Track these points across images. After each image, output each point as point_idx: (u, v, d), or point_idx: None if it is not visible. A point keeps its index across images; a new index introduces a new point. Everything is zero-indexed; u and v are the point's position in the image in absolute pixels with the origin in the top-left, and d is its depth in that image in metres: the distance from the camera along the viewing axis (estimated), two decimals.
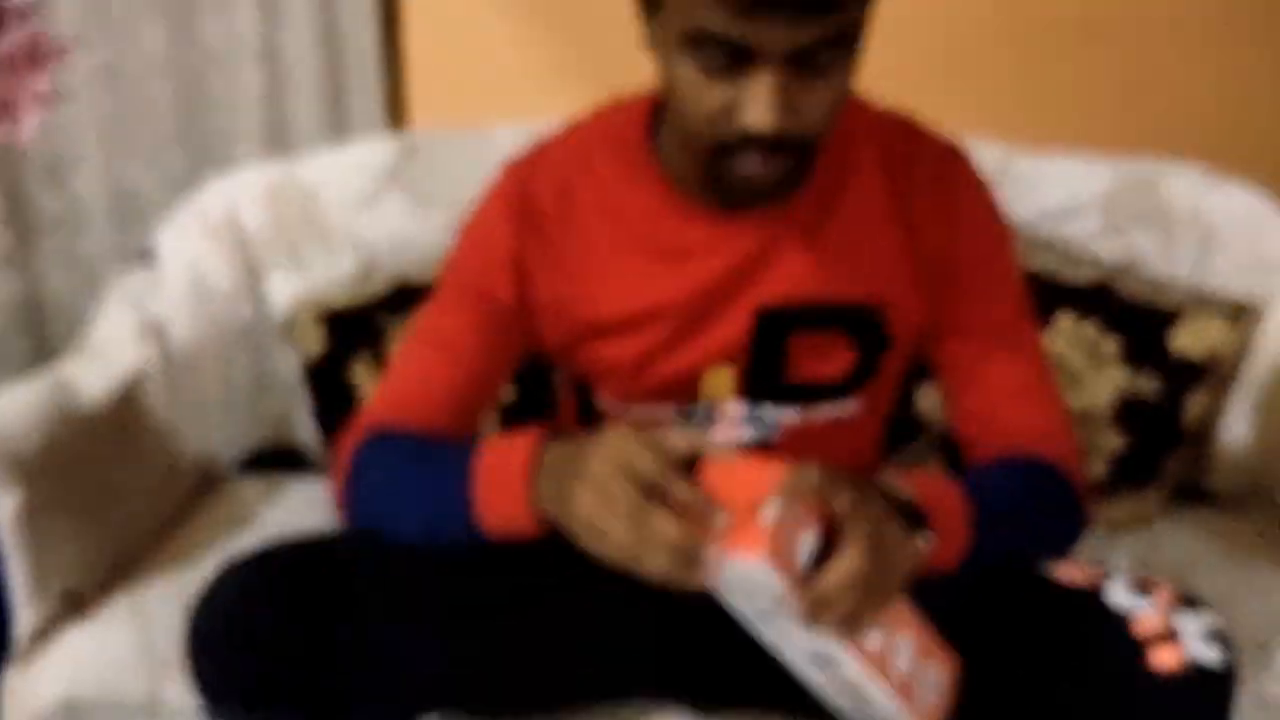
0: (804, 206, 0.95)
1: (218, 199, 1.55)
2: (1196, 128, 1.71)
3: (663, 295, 0.96)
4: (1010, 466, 0.95)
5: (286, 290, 1.54)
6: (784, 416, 1.00)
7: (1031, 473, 0.94)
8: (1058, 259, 1.47)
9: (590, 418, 1.07)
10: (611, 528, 0.73)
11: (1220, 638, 0.81)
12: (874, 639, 0.77)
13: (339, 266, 1.54)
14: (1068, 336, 1.43)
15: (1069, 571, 0.89)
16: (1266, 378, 1.38)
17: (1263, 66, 1.72)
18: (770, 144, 0.83)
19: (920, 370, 1.08)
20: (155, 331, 1.37)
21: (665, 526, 0.72)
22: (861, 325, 0.97)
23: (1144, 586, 0.85)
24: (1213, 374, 1.41)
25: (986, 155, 1.48)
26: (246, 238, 1.54)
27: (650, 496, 0.73)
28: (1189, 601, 0.84)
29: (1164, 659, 0.80)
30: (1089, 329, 1.43)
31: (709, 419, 1.00)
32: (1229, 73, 1.73)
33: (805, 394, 0.99)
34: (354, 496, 0.95)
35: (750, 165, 0.85)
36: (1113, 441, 1.41)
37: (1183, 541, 1.36)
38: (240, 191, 1.55)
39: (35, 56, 1.29)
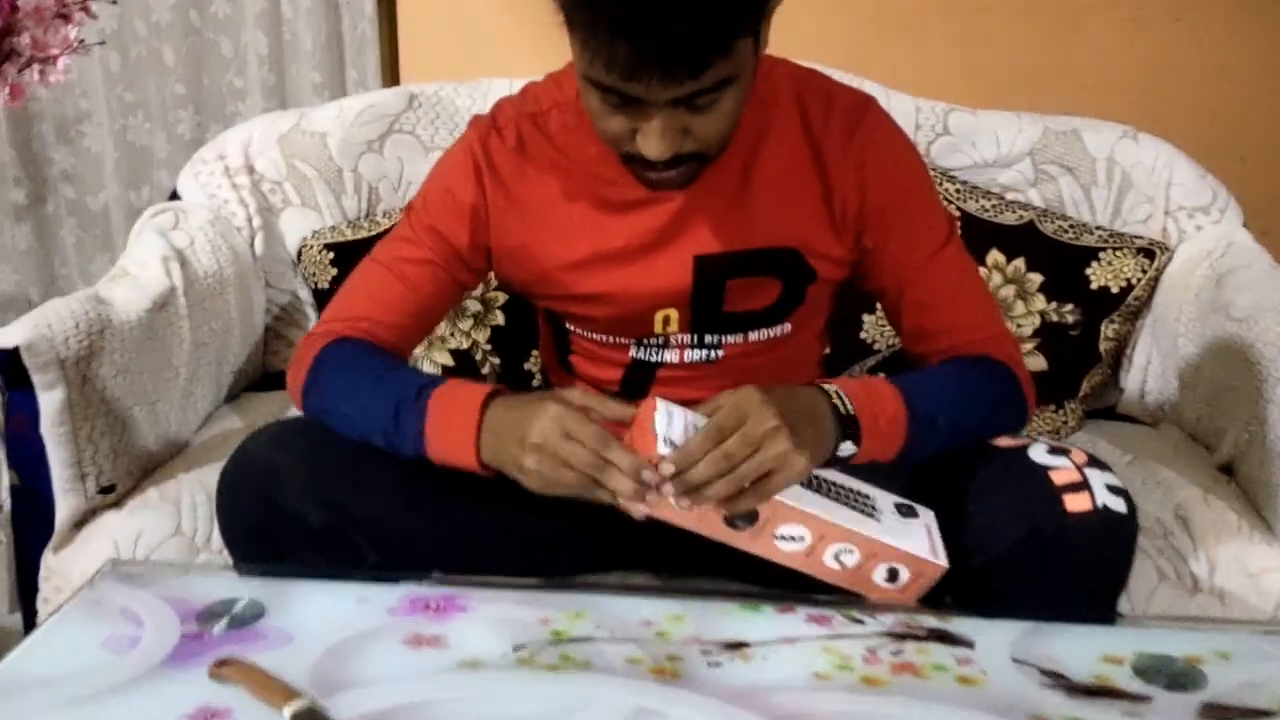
0: (728, 166, 1.07)
1: (235, 146, 1.71)
2: (1117, 95, 1.89)
3: (610, 242, 1.10)
4: (958, 369, 1.08)
5: (299, 228, 1.69)
6: (726, 340, 1.15)
7: (979, 371, 1.08)
8: (993, 204, 1.64)
9: (565, 345, 1.23)
10: (563, 475, 0.92)
11: (1123, 492, 0.97)
12: (792, 545, 0.94)
13: (347, 206, 1.70)
14: (999, 271, 1.61)
15: (1001, 440, 1.05)
16: (1172, 310, 1.56)
17: (1177, 41, 1.91)
18: (670, 162, 0.95)
19: (865, 301, 1.22)
20: (180, 259, 1.52)
21: (620, 457, 0.90)
22: (786, 265, 1.11)
23: (1061, 450, 1.01)
24: (1127, 306, 1.59)
25: (929, 112, 1.66)
26: (260, 180, 1.70)
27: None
28: (1097, 463, 1.00)
29: (1077, 503, 0.95)
30: (1017, 265, 1.60)
31: (663, 346, 1.16)
32: (1149, 45, 1.91)
33: (742, 322, 1.14)
34: (311, 388, 1.09)
35: (657, 175, 0.98)
36: (1036, 363, 1.58)
37: (1099, 450, 1.53)
38: (255, 138, 1.71)
39: (63, 9, 1.45)
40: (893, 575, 0.96)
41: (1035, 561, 0.96)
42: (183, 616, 0.94)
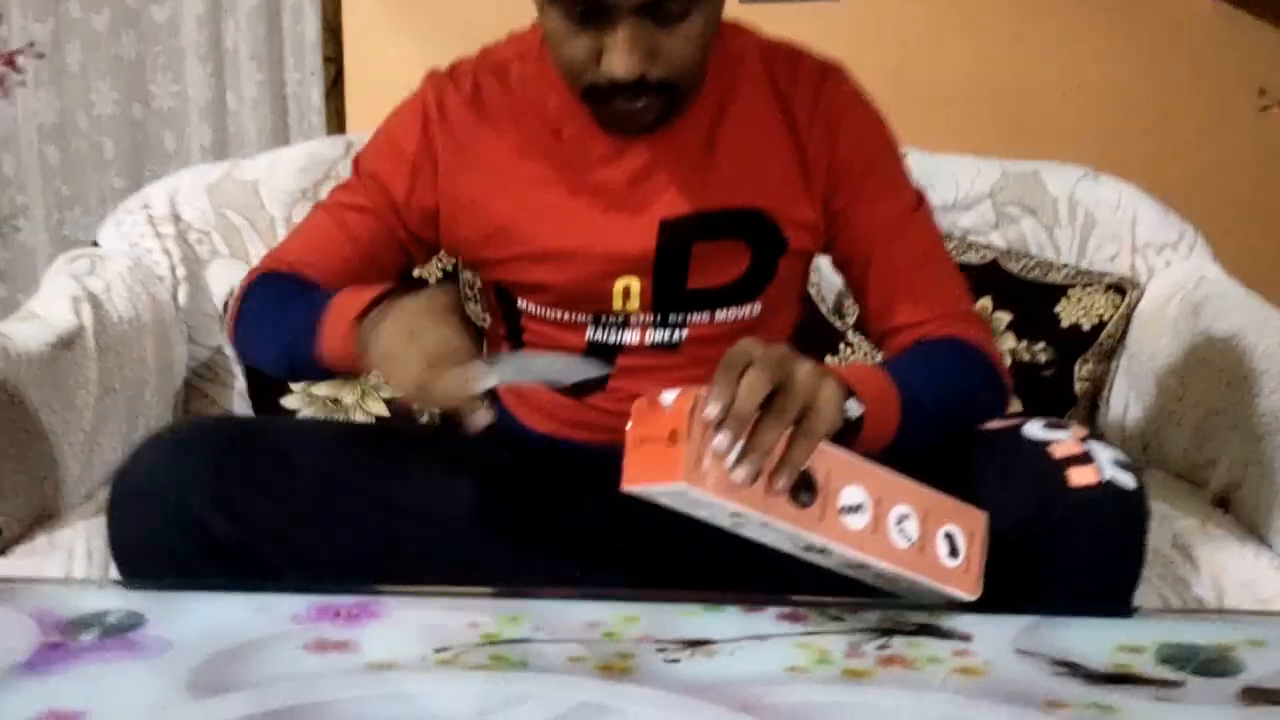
0: (694, 123, 1.01)
1: (161, 195, 1.62)
2: (1069, 138, 1.87)
3: (568, 198, 1.03)
4: (934, 350, 1.00)
5: (228, 280, 1.59)
6: (690, 319, 1.06)
7: (955, 354, 1.00)
8: (953, 245, 1.58)
9: (515, 333, 1.13)
10: (406, 359, 0.81)
11: (1131, 468, 0.88)
12: (856, 520, 0.78)
13: None
14: None
15: (991, 423, 0.96)
16: (1148, 345, 1.49)
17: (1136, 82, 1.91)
18: (636, 88, 0.90)
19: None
20: (93, 302, 1.41)
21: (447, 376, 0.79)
22: (755, 230, 1.04)
23: (1059, 425, 0.91)
24: (1100, 344, 1.52)
25: None
26: (187, 229, 1.60)
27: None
28: (1101, 438, 0.91)
29: (1082, 476, 0.85)
30: (983, 304, 1.53)
31: (622, 326, 1.07)
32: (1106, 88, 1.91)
33: (708, 299, 1.05)
34: (238, 321, 1.04)
35: (622, 106, 0.93)
36: (1010, 408, 1.49)
37: None
38: (182, 187, 1.62)
39: None
40: (952, 547, 0.82)
41: (1040, 543, 0.85)
42: (46, 627, 0.79)
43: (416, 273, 1.52)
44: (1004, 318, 1.53)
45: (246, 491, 0.93)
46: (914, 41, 2.06)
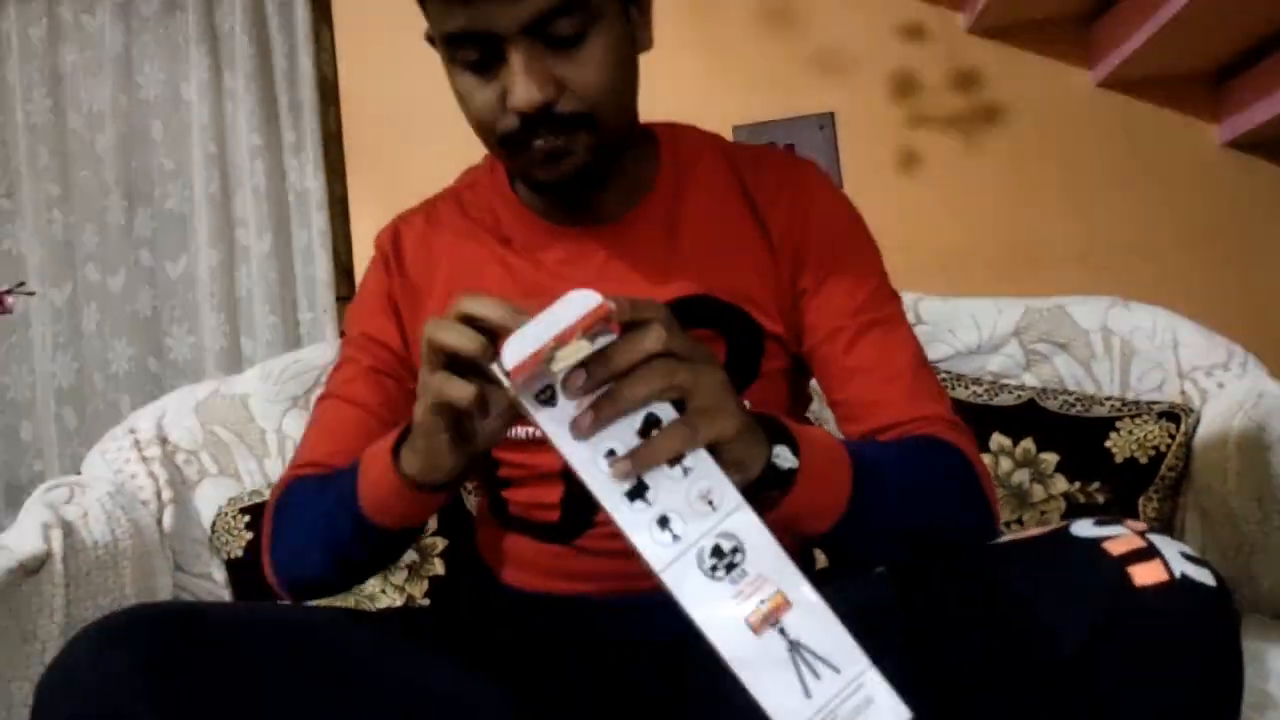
0: (650, 214, 0.96)
1: (148, 419, 1.56)
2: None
3: (527, 304, 0.94)
4: (907, 441, 0.89)
5: (216, 499, 1.50)
6: None
7: (927, 448, 0.88)
8: (985, 388, 1.47)
9: (493, 477, 1.02)
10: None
11: (1205, 564, 0.72)
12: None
13: (270, 470, 1.52)
14: (1006, 456, 1.40)
15: (1025, 532, 0.81)
16: (1215, 474, 1.34)
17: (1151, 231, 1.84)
18: (550, 122, 0.85)
19: None
20: (66, 529, 1.32)
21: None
22: (726, 319, 0.95)
23: (1111, 520, 0.76)
24: (1162, 478, 1.37)
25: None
26: (174, 451, 1.53)
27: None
28: (1162, 532, 0.75)
29: (1148, 574, 0.70)
30: (1026, 446, 1.40)
31: None
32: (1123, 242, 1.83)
33: None
34: (273, 541, 0.94)
35: (542, 146, 0.86)
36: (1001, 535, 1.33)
37: None
38: (169, 409, 1.56)
39: None
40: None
41: (1111, 660, 0.69)
42: None
43: None
44: (1051, 459, 1.39)
45: (187, 687, 0.80)
46: (918, 222, 2.04)
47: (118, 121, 2.39)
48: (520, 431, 0.97)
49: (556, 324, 0.64)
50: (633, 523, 0.65)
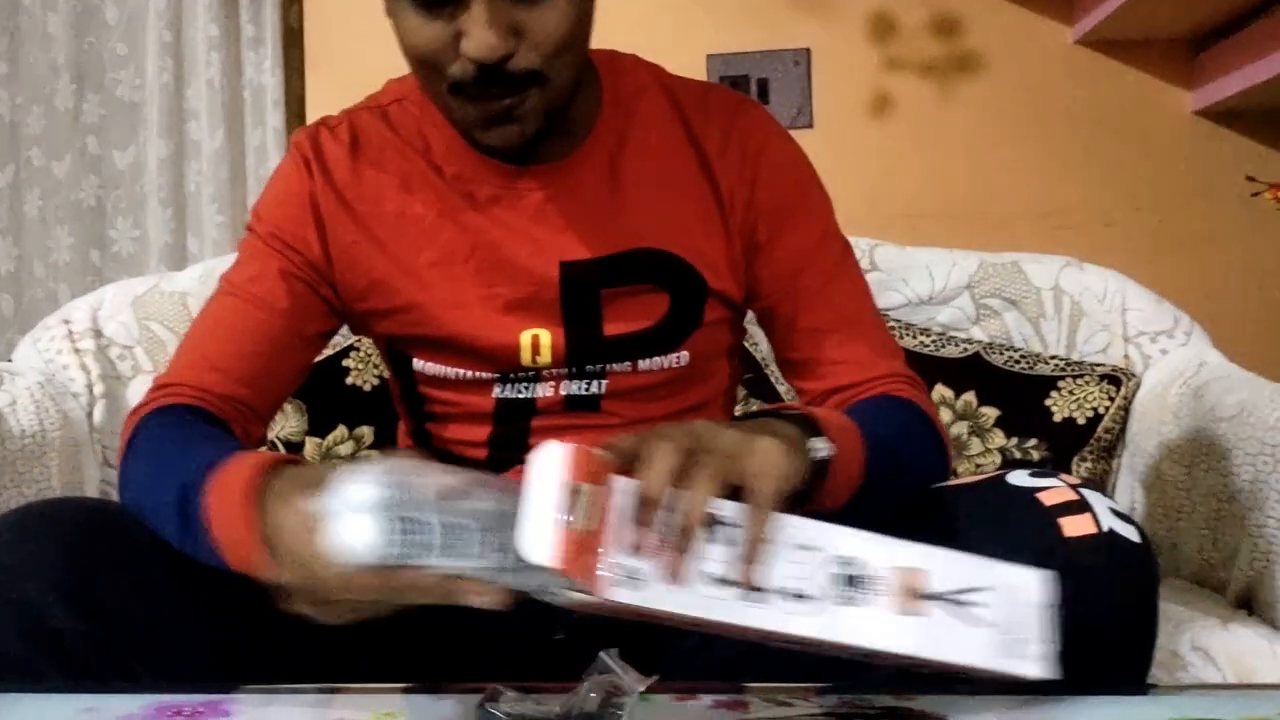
0: (592, 157, 0.93)
1: (83, 310, 1.52)
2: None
3: (459, 242, 0.92)
4: (881, 404, 0.89)
5: None
6: (610, 369, 0.93)
7: (896, 412, 0.89)
8: (933, 339, 1.47)
9: (417, 407, 1.00)
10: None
11: (1131, 521, 0.75)
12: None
13: None
14: (947, 407, 1.41)
15: (966, 478, 0.84)
16: (1151, 438, 1.36)
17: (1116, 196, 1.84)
18: (505, 79, 0.81)
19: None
20: None
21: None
22: (669, 273, 0.93)
23: (1046, 473, 0.79)
24: (1098, 439, 1.38)
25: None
26: (109, 345, 1.50)
27: None
28: (1094, 486, 0.78)
29: (1077, 526, 0.73)
30: (967, 399, 1.41)
31: (534, 380, 0.94)
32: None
33: (628, 347, 0.93)
34: (121, 480, 0.88)
35: (491, 104, 0.82)
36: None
37: None
38: (106, 302, 1.52)
39: None
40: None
41: None
42: None
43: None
44: (991, 413, 1.40)
45: (99, 579, 0.78)
46: (886, 168, 2.02)
47: (71, 1, 2.30)
48: (450, 371, 0.95)
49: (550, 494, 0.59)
50: (775, 618, 0.61)
